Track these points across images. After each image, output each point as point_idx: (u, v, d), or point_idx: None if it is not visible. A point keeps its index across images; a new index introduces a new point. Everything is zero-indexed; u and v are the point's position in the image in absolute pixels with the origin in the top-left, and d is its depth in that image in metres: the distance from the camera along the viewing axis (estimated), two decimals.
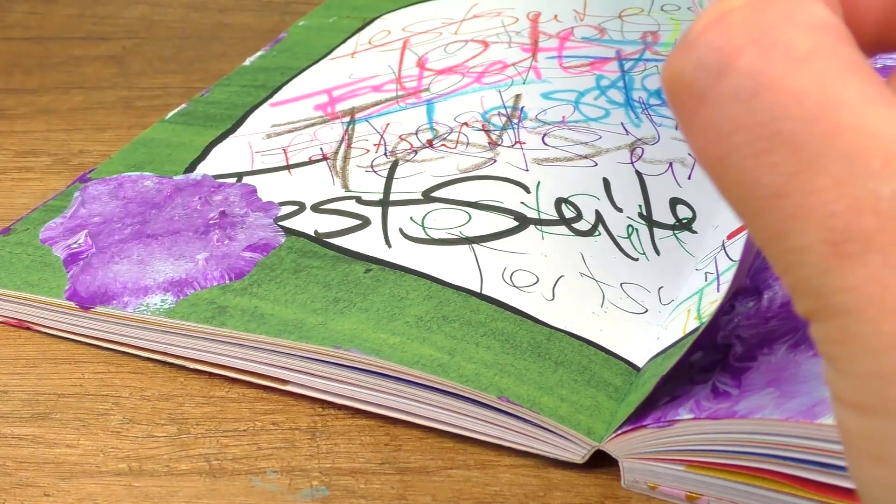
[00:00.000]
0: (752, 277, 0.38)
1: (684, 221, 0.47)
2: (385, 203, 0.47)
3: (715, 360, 0.37)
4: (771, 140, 0.20)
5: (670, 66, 0.21)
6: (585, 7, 0.65)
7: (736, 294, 0.37)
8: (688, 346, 0.35)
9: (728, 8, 0.20)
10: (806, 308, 0.20)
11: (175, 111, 0.56)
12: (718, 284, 0.41)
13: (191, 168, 0.51)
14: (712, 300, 0.40)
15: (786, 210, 0.20)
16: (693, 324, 0.39)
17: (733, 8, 0.20)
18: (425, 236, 0.45)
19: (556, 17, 0.64)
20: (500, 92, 0.56)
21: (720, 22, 0.20)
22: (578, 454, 0.37)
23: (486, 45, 0.61)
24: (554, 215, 0.46)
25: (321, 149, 0.52)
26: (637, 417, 0.36)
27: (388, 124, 0.54)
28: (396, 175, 0.49)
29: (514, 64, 0.59)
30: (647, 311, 0.42)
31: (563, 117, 0.54)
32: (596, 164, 0.50)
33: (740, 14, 0.20)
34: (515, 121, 0.53)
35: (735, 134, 0.20)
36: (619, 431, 0.36)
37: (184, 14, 0.71)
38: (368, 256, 0.44)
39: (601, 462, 0.37)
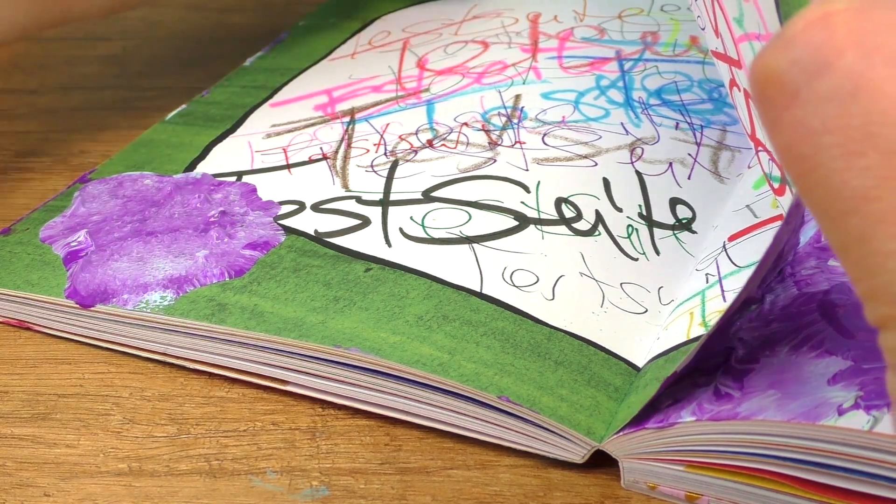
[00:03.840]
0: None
1: (684, 221, 0.47)
2: (385, 203, 0.47)
3: (717, 362, 0.37)
4: (864, 143, 0.19)
5: (762, 62, 0.21)
6: (585, 8, 0.65)
7: (746, 305, 0.37)
8: (691, 353, 0.35)
9: (832, 10, 0.20)
10: (881, 315, 0.20)
11: (175, 112, 0.56)
12: (722, 289, 0.41)
13: (190, 167, 0.51)
14: (718, 309, 0.40)
15: (873, 214, 0.19)
16: (697, 329, 0.39)
17: (837, 10, 0.20)
18: (425, 236, 0.45)
19: (555, 17, 0.64)
20: (500, 92, 0.56)
21: (823, 22, 0.20)
22: (578, 454, 0.37)
23: (485, 45, 0.61)
24: (554, 215, 0.46)
25: (321, 148, 0.52)
26: (639, 420, 0.36)
27: (387, 124, 0.54)
28: (396, 175, 0.49)
29: (513, 64, 0.59)
30: (647, 311, 0.42)
31: (563, 117, 0.54)
32: (596, 164, 0.50)
33: (844, 17, 0.20)
34: (515, 121, 0.53)
35: (826, 134, 0.20)
36: (620, 433, 0.36)
37: (184, 14, 0.71)
38: (368, 256, 0.44)
39: (601, 462, 0.37)
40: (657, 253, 0.45)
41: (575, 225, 0.46)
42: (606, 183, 0.48)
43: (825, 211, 0.20)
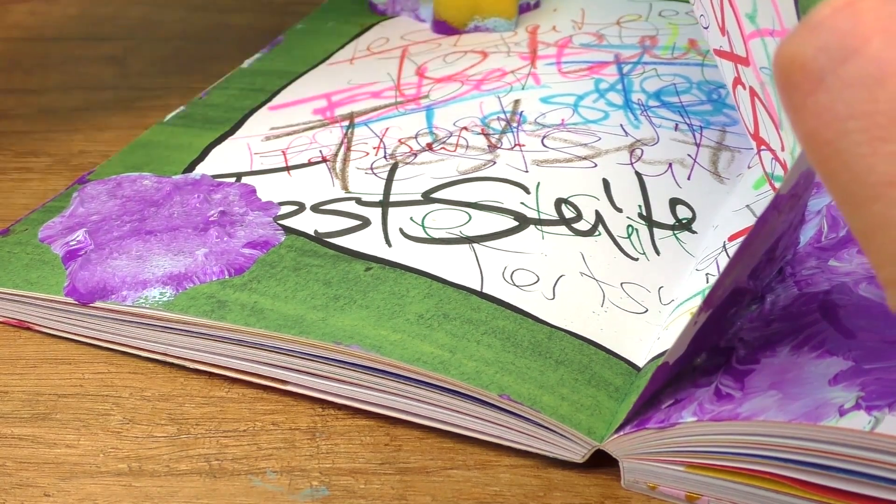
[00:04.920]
0: (754, 280, 0.38)
1: (684, 221, 0.47)
2: (385, 204, 0.47)
3: (718, 363, 0.37)
4: (890, 129, 0.19)
5: (787, 48, 0.21)
6: (583, 17, 0.65)
7: (738, 296, 0.37)
8: (680, 342, 0.35)
9: None
10: None
11: (173, 113, 0.56)
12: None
13: (189, 168, 0.51)
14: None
15: None
16: None
17: None
18: (425, 236, 0.45)
19: (554, 27, 0.64)
20: (499, 98, 0.56)
21: (849, 9, 0.20)
22: (578, 454, 0.37)
23: (484, 54, 0.61)
24: (554, 215, 0.46)
25: (320, 151, 0.52)
26: (640, 419, 0.36)
27: (387, 129, 0.54)
28: (396, 177, 0.49)
29: (512, 71, 0.59)
30: (647, 310, 0.42)
31: (563, 120, 0.54)
32: (595, 165, 0.50)
33: (871, 4, 0.20)
34: (514, 124, 0.53)
35: (852, 119, 0.20)
36: (621, 432, 0.36)
37: (184, 14, 0.71)
38: (369, 255, 0.44)
39: (601, 462, 0.37)
40: (657, 253, 0.45)
41: (575, 225, 0.46)
42: (606, 184, 0.49)
43: (849, 197, 0.20)
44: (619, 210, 0.47)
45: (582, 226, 0.46)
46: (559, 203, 0.47)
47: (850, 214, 0.21)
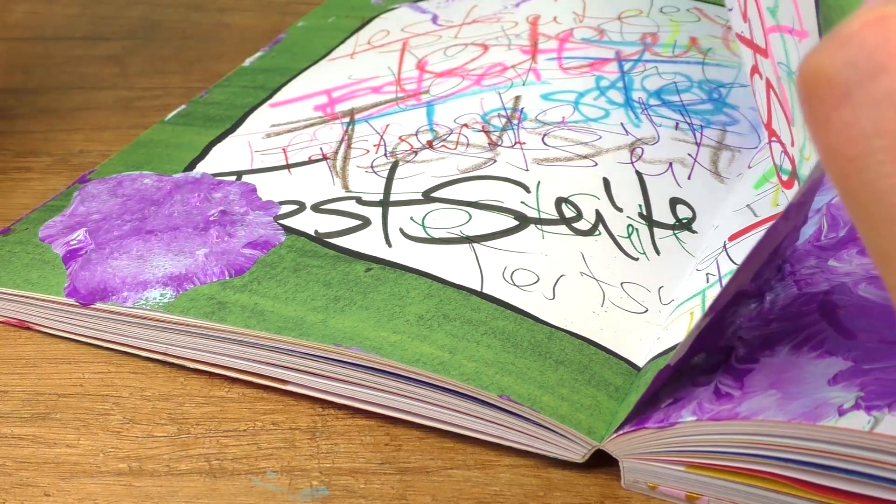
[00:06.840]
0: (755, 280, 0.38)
1: (684, 221, 0.47)
2: (385, 203, 0.47)
3: (717, 361, 0.37)
4: None
5: (813, 60, 0.20)
6: (584, 9, 0.65)
7: (739, 297, 0.37)
8: (683, 346, 0.35)
9: (888, 13, 0.20)
10: None
11: (174, 112, 0.56)
12: (721, 287, 0.41)
13: (190, 167, 0.51)
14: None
15: None
16: None
17: (893, 14, 0.20)
18: (426, 236, 0.45)
19: (555, 18, 0.64)
20: (499, 94, 0.56)
21: (879, 24, 0.20)
22: (578, 454, 0.37)
23: (485, 47, 0.61)
24: (554, 215, 0.46)
25: (321, 149, 0.52)
26: (639, 419, 0.36)
27: (387, 125, 0.54)
28: (396, 175, 0.49)
29: (513, 66, 0.59)
30: (647, 310, 0.42)
31: (563, 118, 0.54)
32: (596, 164, 0.50)
33: None
34: (515, 122, 0.53)
35: (877, 137, 0.20)
36: (621, 432, 0.36)
37: (184, 14, 0.71)
38: (369, 256, 0.44)
39: (601, 462, 0.37)
40: (657, 253, 0.45)
41: (575, 224, 0.46)
42: (606, 183, 0.48)
43: (869, 216, 0.20)
44: (620, 209, 0.47)
45: (582, 225, 0.46)
46: (559, 202, 0.47)
47: (869, 234, 0.20)
